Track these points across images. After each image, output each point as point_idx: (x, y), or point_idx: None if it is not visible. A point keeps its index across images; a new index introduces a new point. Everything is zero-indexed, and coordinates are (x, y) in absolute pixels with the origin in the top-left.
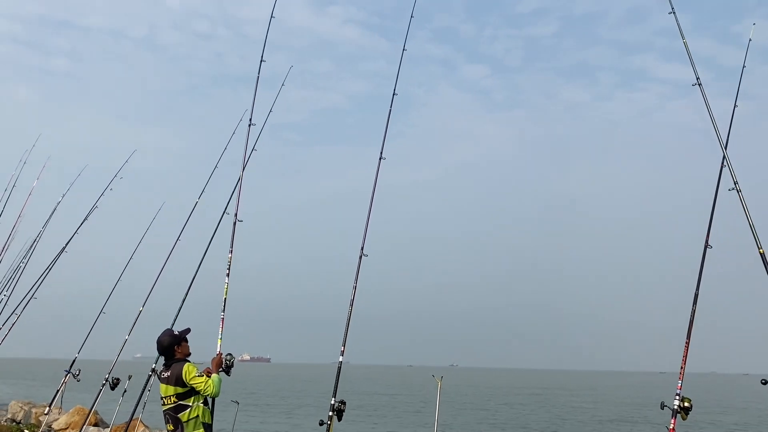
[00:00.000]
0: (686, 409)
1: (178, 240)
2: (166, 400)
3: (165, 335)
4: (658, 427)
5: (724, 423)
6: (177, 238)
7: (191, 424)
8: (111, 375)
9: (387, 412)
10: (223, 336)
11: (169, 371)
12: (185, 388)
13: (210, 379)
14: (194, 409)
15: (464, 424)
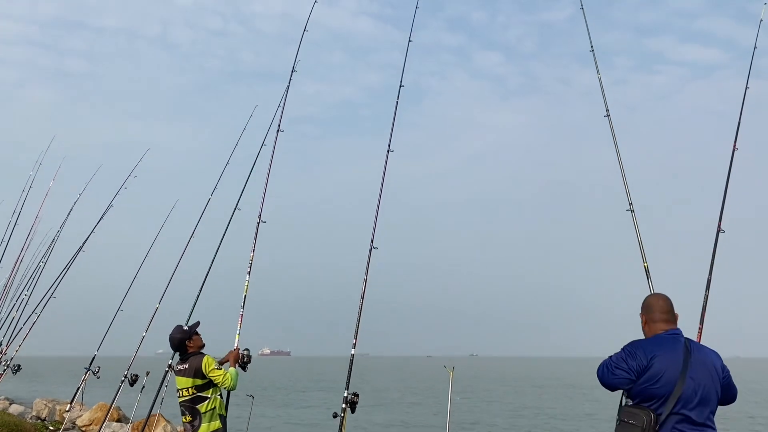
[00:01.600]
0: None
1: (192, 237)
2: (184, 392)
3: (175, 332)
4: None
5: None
6: (191, 235)
7: (208, 415)
8: (130, 371)
9: (401, 403)
10: (241, 331)
11: (187, 364)
12: (204, 380)
13: (228, 372)
14: (212, 401)
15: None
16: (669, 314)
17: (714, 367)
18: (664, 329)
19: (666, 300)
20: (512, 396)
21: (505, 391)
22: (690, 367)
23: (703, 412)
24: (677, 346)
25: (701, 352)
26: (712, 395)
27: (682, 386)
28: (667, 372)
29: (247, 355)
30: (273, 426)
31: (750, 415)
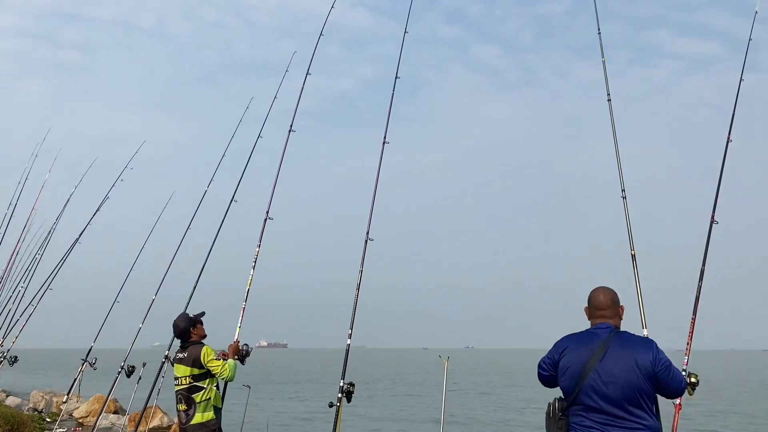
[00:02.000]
0: (693, 385)
1: (188, 228)
2: (182, 380)
3: (180, 318)
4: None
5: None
6: (187, 227)
7: (203, 405)
8: (126, 363)
9: (397, 394)
10: (241, 325)
11: (186, 352)
12: (202, 369)
13: (227, 363)
14: (208, 391)
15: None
16: (604, 309)
17: (636, 361)
18: (595, 323)
19: (605, 294)
20: (507, 388)
21: (500, 382)
22: (600, 361)
23: (615, 406)
24: (593, 340)
25: (623, 346)
26: (627, 389)
27: (584, 379)
28: (573, 365)
29: (246, 349)
30: (269, 415)
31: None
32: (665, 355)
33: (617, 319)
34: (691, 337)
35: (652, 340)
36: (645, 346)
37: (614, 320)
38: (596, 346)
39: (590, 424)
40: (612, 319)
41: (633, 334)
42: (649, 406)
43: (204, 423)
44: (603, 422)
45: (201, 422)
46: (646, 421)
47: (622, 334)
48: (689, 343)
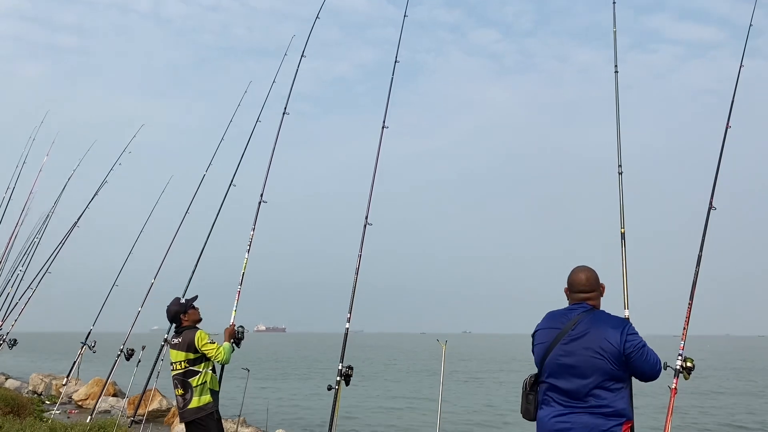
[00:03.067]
0: (688, 369)
1: (187, 213)
2: (177, 366)
3: (172, 304)
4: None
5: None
6: (186, 211)
7: (199, 389)
8: (125, 346)
9: (394, 377)
10: (237, 308)
11: (181, 337)
12: (196, 354)
13: (221, 346)
14: (203, 375)
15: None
16: (581, 289)
17: (602, 341)
18: (571, 302)
19: (584, 273)
20: (503, 373)
21: (496, 367)
22: (565, 340)
23: (577, 384)
24: (564, 320)
25: (592, 326)
26: (589, 370)
27: (546, 358)
28: (541, 344)
29: (241, 331)
30: (269, 398)
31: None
32: (639, 336)
33: (597, 299)
34: (688, 322)
35: (625, 320)
36: (614, 327)
37: (594, 300)
38: (565, 325)
39: (553, 403)
40: (591, 299)
41: (607, 314)
42: (614, 388)
43: (201, 407)
44: (564, 402)
45: (198, 406)
46: (609, 404)
47: (595, 313)
48: (685, 328)
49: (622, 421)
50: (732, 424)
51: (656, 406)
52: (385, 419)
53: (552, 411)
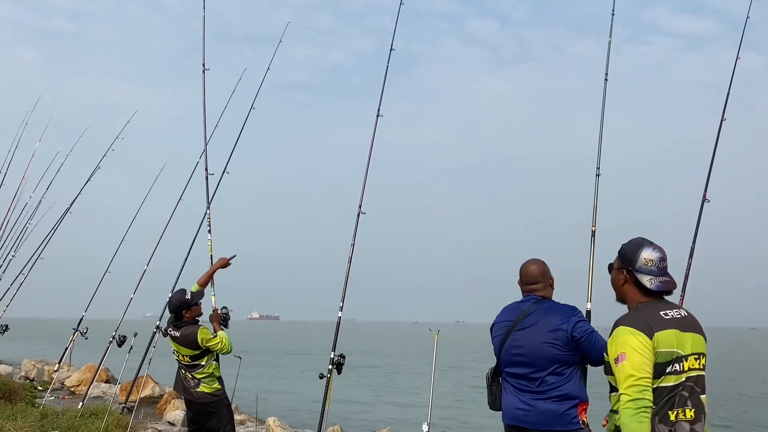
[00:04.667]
0: None
1: (180, 199)
2: (180, 358)
3: (176, 297)
4: None
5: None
6: (179, 198)
7: (208, 380)
8: (118, 333)
9: (387, 365)
10: (222, 290)
11: (180, 332)
12: (198, 350)
13: (221, 339)
14: (208, 366)
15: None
16: (533, 281)
17: (550, 328)
18: (523, 294)
19: (535, 266)
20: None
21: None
22: (516, 331)
23: (530, 371)
24: (516, 312)
25: (541, 315)
26: (538, 356)
27: (502, 348)
28: (497, 336)
29: (225, 312)
30: (261, 386)
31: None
32: (587, 323)
33: (547, 290)
34: None
35: (574, 308)
36: (563, 314)
37: (544, 291)
38: (516, 317)
39: (510, 390)
40: (541, 291)
41: (556, 303)
42: (565, 372)
43: (211, 393)
44: (519, 388)
45: (208, 392)
46: (561, 389)
47: (545, 303)
48: None
49: (576, 402)
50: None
51: None
52: (376, 408)
53: (512, 399)
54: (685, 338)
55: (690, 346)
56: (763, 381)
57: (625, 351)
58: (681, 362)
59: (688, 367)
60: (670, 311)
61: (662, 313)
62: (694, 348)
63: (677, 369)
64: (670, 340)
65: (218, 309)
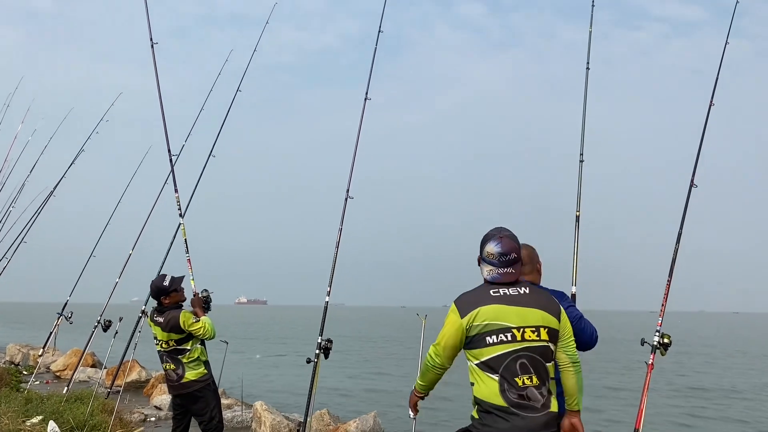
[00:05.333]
0: (665, 345)
1: (165, 183)
2: (162, 344)
3: (154, 284)
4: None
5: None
6: (164, 182)
7: (193, 364)
8: (103, 317)
9: (374, 350)
10: (201, 275)
11: (164, 317)
12: (182, 334)
13: (204, 324)
14: (193, 351)
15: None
16: (525, 265)
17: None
18: None
19: (524, 251)
20: None
21: None
22: None
23: None
24: None
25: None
26: None
27: None
28: None
29: (206, 295)
30: (248, 370)
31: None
32: (576, 308)
33: (535, 276)
34: (666, 298)
35: (562, 293)
36: (556, 297)
37: (531, 276)
38: None
39: None
40: (529, 275)
41: (545, 289)
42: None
43: (197, 379)
44: None
45: (195, 379)
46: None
47: (535, 289)
48: (664, 305)
49: (560, 390)
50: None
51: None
52: (364, 392)
53: None
54: (511, 311)
55: (519, 320)
56: None
57: (444, 322)
58: (509, 332)
59: (521, 337)
60: (504, 288)
61: (492, 291)
62: (528, 321)
63: (504, 339)
64: (491, 313)
65: (199, 293)
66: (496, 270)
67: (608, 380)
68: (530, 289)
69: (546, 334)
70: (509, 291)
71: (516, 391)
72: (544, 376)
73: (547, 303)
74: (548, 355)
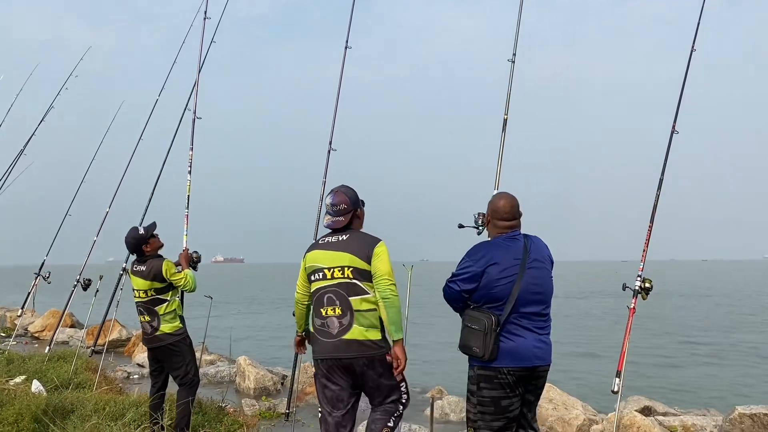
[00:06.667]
0: (647, 290)
1: (140, 139)
2: (141, 294)
3: (130, 235)
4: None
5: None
6: (139, 137)
7: (169, 316)
8: (82, 276)
9: None
10: (191, 236)
11: (145, 266)
12: (164, 283)
13: (187, 275)
14: (172, 303)
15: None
16: (510, 215)
17: (549, 263)
18: (504, 231)
19: (508, 200)
20: None
21: None
22: (527, 267)
23: (539, 308)
24: (514, 248)
25: (539, 248)
26: (548, 289)
27: (518, 288)
28: (504, 275)
29: (197, 256)
30: (229, 326)
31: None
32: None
33: (520, 225)
34: (647, 245)
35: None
36: (547, 248)
37: (518, 226)
38: (521, 253)
39: (524, 331)
40: (517, 226)
41: (538, 237)
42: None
43: (172, 333)
44: (535, 327)
45: (169, 332)
46: (550, 320)
47: (532, 238)
48: (645, 251)
49: None
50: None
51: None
52: None
53: (529, 340)
54: (325, 255)
55: (330, 261)
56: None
57: None
58: (322, 272)
59: (331, 276)
60: (330, 237)
61: (320, 240)
62: (336, 263)
63: (319, 277)
64: (312, 257)
65: (189, 250)
66: (329, 218)
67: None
68: (349, 236)
69: (351, 273)
70: (331, 239)
71: (320, 320)
72: (347, 307)
73: (358, 248)
74: (354, 290)
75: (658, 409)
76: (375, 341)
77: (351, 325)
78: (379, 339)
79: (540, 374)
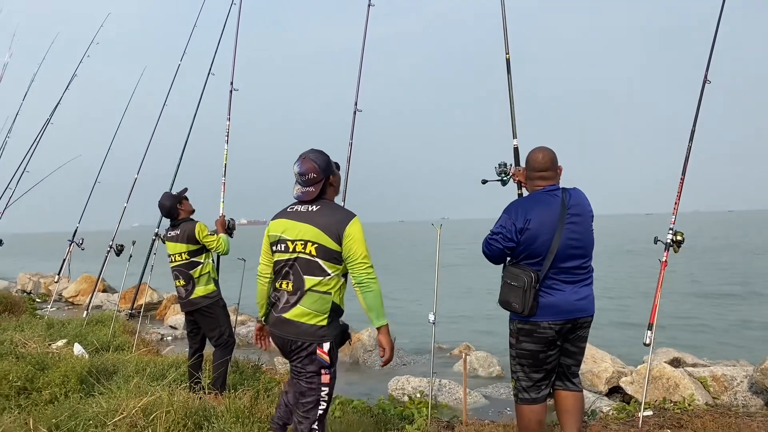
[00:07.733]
0: (678, 243)
1: (165, 105)
2: (176, 257)
3: (164, 198)
4: (653, 260)
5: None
6: (164, 103)
7: (203, 279)
8: (114, 242)
9: (382, 265)
10: (224, 200)
11: (179, 230)
12: (197, 245)
13: (220, 237)
14: (205, 265)
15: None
16: (548, 170)
17: (589, 215)
18: (542, 186)
19: (546, 154)
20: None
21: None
22: (565, 222)
23: (579, 261)
24: (553, 203)
25: (578, 202)
26: (588, 242)
27: (558, 244)
28: (543, 231)
29: (232, 223)
30: None
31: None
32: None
33: (558, 179)
34: (679, 196)
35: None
36: (587, 201)
37: (555, 180)
38: (559, 209)
39: (563, 285)
40: (554, 180)
41: (578, 190)
42: None
43: (206, 295)
44: (575, 280)
45: (204, 295)
46: (592, 272)
47: (571, 191)
48: (677, 203)
49: None
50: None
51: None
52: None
53: (569, 294)
54: (290, 225)
55: (295, 234)
56: None
57: None
58: (284, 243)
59: (292, 249)
60: (299, 206)
61: (289, 207)
62: (300, 236)
63: (280, 249)
64: (276, 226)
65: (225, 217)
66: (300, 189)
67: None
68: (320, 208)
69: (314, 249)
70: (300, 207)
71: (275, 292)
72: (299, 285)
73: (328, 223)
74: (311, 269)
75: (687, 360)
76: (314, 326)
77: (296, 305)
78: (320, 327)
79: (582, 325)
